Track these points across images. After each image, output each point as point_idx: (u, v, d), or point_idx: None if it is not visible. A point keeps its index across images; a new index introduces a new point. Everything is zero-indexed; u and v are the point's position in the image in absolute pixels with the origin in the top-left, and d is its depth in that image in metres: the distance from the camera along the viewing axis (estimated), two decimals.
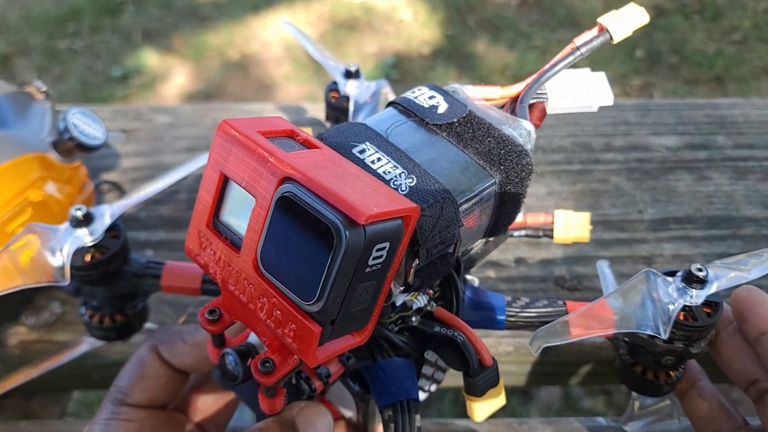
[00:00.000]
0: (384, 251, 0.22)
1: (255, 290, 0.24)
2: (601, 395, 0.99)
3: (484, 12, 1.80)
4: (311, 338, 0.22)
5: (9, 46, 1.76)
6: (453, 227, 0.25)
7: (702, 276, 0.29)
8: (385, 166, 0.26)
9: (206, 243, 0.26)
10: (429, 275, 0.26)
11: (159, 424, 0.34)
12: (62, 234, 0.35)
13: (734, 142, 0.58)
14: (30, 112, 0.47)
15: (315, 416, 0.29)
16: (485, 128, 0.28)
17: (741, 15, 1.73)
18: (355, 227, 0.20)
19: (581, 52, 0.30)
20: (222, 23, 1.82)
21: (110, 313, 0.39)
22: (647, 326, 0.28)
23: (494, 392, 0.30)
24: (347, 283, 0.21)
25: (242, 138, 0.23)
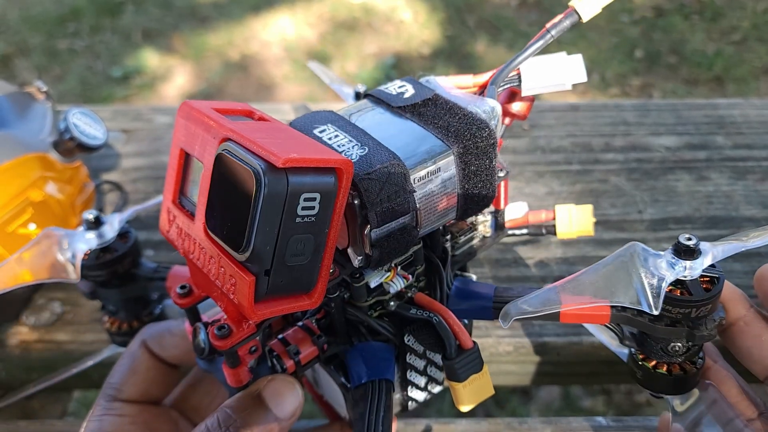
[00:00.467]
0: (315, 203, 0.22)
1: (206, 253, 0.25)
2: (601, 395, 0.99)
3: (483, 12, 1.80)
4: (246, 288, 0.23)
5: (9, 46, 1.76)
6: (403, 192, 0.25)
7: (692, 245, 0.28)
8: (340, 141, 0.27)
9: (173, 219, 0.27)
10: (389, 247, 0.26)
11: (152, 418, 0.34)
12: (76, 237, 0.37)
13: (733, 143, 0.58)
14: (30, 113, 0.47)
15: (283, 388, 0.28)
16: (447, 107, 0.29)
17: (740, 15, 1.73)
18: (276, 172, 0.21)
19: (552, 35, 0.31)
20: (222, 23, 1.82)
21: (127, 319, 0.40)
22: (635, 301, 0.27)
23: (479, 379, 0.30)
24: (276, 231, 0.22)
25: (195, 112, 0.25)
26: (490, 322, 0.45)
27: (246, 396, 0.28)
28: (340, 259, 0.27)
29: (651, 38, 1.68)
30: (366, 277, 0.28)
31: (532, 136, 0.60)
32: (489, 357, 0.44)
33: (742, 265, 0.47)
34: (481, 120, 0.28)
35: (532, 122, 0.61)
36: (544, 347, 0.44)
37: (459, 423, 0.42)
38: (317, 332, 0.30)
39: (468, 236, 0.34)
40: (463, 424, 0.42)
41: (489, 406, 0.93)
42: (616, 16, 1.71)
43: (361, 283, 0.28)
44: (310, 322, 0.31)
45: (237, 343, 0.26)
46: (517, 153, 0.58)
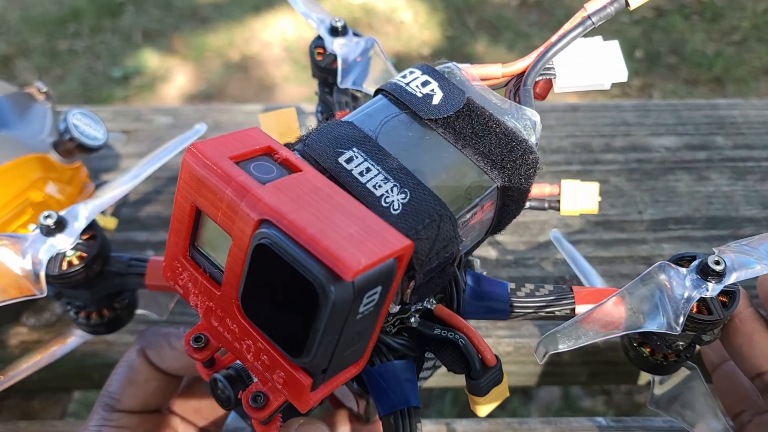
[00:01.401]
0: (376, 296, 0.20)
1: (239, 331, 0.22)
2: (601, 395, 0.99)
3: (483, 13, 1.80)
4: (302, 389, 0.21)
5: (9, 47, 1.76)
6: (452, 246, 0.23)
7: (719, 270, 0.27)
8: (375, 179, 0.23)
9: (184, 272, 0.24)
10: (427, 290, 0.25)
11: (152, 427, 0.33)
12: (33, 242, 0.32)
13: (733, 143, 0.58)
14: (31, 113, 0.47)
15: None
16: (485, 121, 0.25)
17: (740, 16, 1.73)
18: (342, 282, 0.18)
19: (593, 21, 0.27)
20: (222, 24, 1.82)
21: (97, 309, 0.37)
22: (661, 323, 0.27)
23: (498, 388, 0.29)
24: (337, 336, 0.20)
25: (212, 168, 0.21)
26: (490, 322, 0.45)
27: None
28: None
29: (651, 38, 1.68)
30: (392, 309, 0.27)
31: None
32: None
33: None
34: (525, 143, 0.25)
35: None
36: None
37: (459, 423, 0.42)
38: None
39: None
40: (463, 425, 0.42)
41: None
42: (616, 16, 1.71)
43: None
44: None
45: (275, 411, 0.24)
46: None
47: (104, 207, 0.35)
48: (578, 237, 0.50)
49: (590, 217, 0.52)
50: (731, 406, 0.35)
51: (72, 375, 0.47)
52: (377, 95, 0.27)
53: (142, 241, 0.51)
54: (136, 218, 0.54)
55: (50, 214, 0.32)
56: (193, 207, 0.22)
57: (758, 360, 0.32)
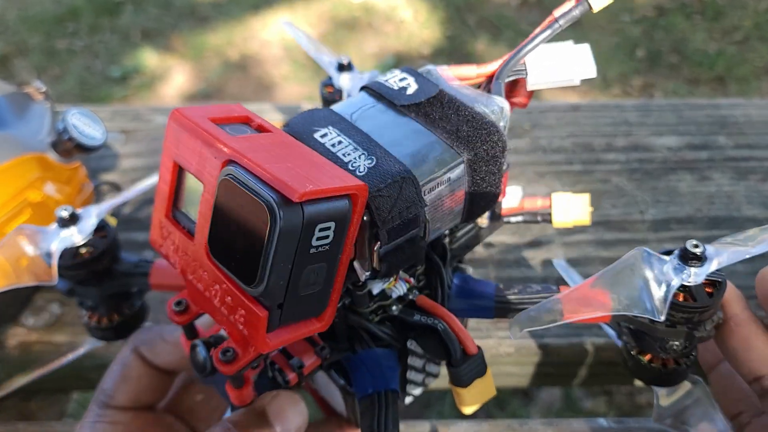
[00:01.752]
0: (329, 231, 0.21)
1: (209, 277, 0.24)
2: (602, 396, 0.98)
3: (484, 11, 1.80)
4: (258, 323, 0.22)
5: (7, 46, 1.76)
6: (414, 208, 0.24)
7: (699, 252, 0.27)
8: (345, 149, 0.25)
9: (166, 233, 0.25)
10: (397, 259, 0.25)
11: (145, 425, 0.34)
12: (50, 235, 0.35)
13: (735, 143, 0.58)
14: (29, 113, 0.47)
15: (287, 405, 0.28)
16: (455, 107, 0.27)
17: (742, 15, 1.73)
18: (291, 206, 0.20)
19: (560, 24, 0.29)
20: (221, 23, 1.82)
21: (107, 314, 0.38)
22: (642, 308, 0.27)
23: (482, 382, 0.29)
24: (290, 265, 0.21)
25: (190, 124, 0.23)
26: (491, 323, 0.45)
27: (249, 412, 0.28)
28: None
29: (652, 38, 1.68)
30: (368, 284, 0.28)
31: (533, 136, 0.59)
32: (490, 358, 0.44)
33: (744, 267, 0.47)
34: (491, 123, 0.27)
35: (533, 122, 0.61)
36: (545, 348, 0.44)
37: (460, 425, 0.42)
38: (320, 342, 0.30)
39: (465, 230, 0.33)
40: (464, 426, 0.41)
41: (490, 408, 0.93)
42: (618, 15, 1.71)
43: (363, 291, 0.28)
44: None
45: (243, 367, 0.25)
46: (519, 153, 0.57)
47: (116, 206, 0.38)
48: (580, 237, 0.50)
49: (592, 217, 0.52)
50: (729, 407, 0.35)
51: (70, 376, 0.47)
52: (361, 92, 0.29)
53: (141, 241, 0.51)
54: (135, 218, 0.53)
55: (66, 207, 0.35)
56: (175, 165, 0.24)
57: (755, 364, 0.32)
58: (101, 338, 0.40)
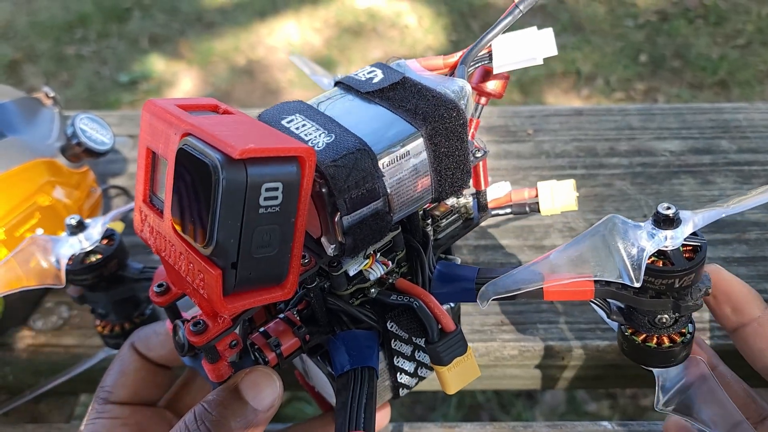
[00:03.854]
0: (278, 192, 0.22)
1: (176, 250, 0.24)
2: (606, 399, 0.98)
3: (487, 17, 1.81)
4: (214, 282, 0.22)
5: (17, 52, 1.77)
6: (371, 178, 0.25)
7: (671, 214, 0.27)
8: (307, 130, 0.27)
9: (145, 218, 0.27)
10: (362, 234, 0.26)
11: (145, 420, 0.34)
12: (60, 242, 0.37)
13: (738, 147, 0.58)
14: (38, 118, 0.48)
15: (261, 379, 0.28)
16: (416, 89, 0.28)
17: (745, 19, 1.73)
18: (234, 164, 0.21)
19: (520, 9, 0.31)
20: (228, 29, 1.83)
21: (118, 321, 0.40)
22: (616, 274, 0.27)
23: (464, 362, 0.29)
24: (238, 223, 0.22)
25: (158, 110, 0.24)
26: (495, 326, 0.45)
27: (223, 390, 0.28)
28: (315, 248, 0.27)
29: (655, 42, 1.68)
30: (344, 265, 0.28)
31: (536, 140, 0.60)
32: (494, 361, 0.44)
33: (748, 269, 0.47)
34: (449, 100, 0.28)
35: (537, 127, 0.61)
36: (548, 351, 0.44)
37: (464, 427, 0.42)
38: (298, 323, 0.30)
39: (450, 219, 0.33)
40: (468, 428, 0.42)
41: (494, 410, 0.93)
42: (621, 20, 1.71)
43: (339, 272, 0.28)
44: (291, 313, 0.31)
45: (213, 338, 0.26)
46: (522, 157, 0.58)
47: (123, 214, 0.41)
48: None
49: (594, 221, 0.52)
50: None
51: (78, 379, 0.48)
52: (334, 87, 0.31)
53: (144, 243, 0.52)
54: None
55: (74, 216, 0.38)
56: (149, 151, 0.26)
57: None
58: (114, 346, 0.42)
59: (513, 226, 0.51)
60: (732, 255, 0.49)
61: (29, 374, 0.47)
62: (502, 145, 0.59)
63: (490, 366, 0.45)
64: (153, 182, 0.26)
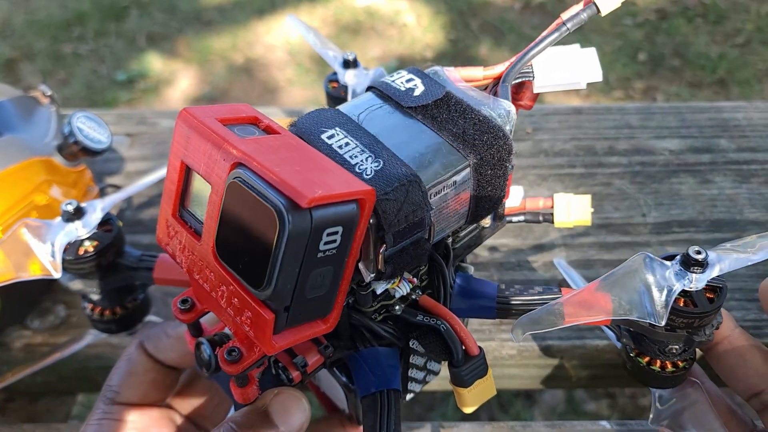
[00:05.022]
0: (337, 236, 0.21)
1: (215, 278, 0.24)
2: (605, 399, 0.98)
3: (486, 15, 1.80)
4: (265, 326, 0.22)
5: (14, 51, 1.77)
6: (420, 211, 0.25)
7: (701, 259, 0.27)
8: (351, 151, 0.25)
9: (173, 232, 0.26)
10: (401, 261, 0.26)
11: (151, 421, 0.34)
12: (55, 228, 0.35)
13: (737, 146, 0.58)
14: (35, 116, 0.47)
15: (290, 402, 0.28)
16: (461, 109, 0.27)
17: (744, 18, 1.73)
18: (300, 211, 0.20)
19: (567, 27, 0.29)
20: (226, 27, 1.83)
21: (109, 306, 0.39)
22: (643, 313, 0.27)
23: (483, 382, 0.29)
24: (297, 269, 0.21)
25: (198, 125, 0.23)
26: (493, 325, 0.45)
27: (252, 412, 0.28)
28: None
29: (654, 41, 1.68)
30: (372, 284, 0.28)
31: (535, 139, 0.60)
32: (493, 360, 0.44)
33: (747, 269, 0.47)
34: (497, 127, 0.27)
35: (536, 125, 0.61)
36: (547, 350, 0.44)
37: (463, 427, 0.42)
38: (323, 342, 0.30)
39: (468, 230, 0.33)
40: (467, 428, 0.42)
41: (493, 410, 0.93)
42: (620, 19, 1.71)
43: (367, 291, 0.28)
44: None
45: (248, 367, 0.25)
46: (521, 156, 0.58)
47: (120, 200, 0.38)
48: (582, 240, 0.50)
49: (594, 220, 0.52)
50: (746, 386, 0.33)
51: (76, 378, 0.48)
52: (367, 92, 0.29)
53: (146, 244, 0.52)
54: (139, 221, 0.54)
55: (71, 201, 0.35)
56: (183, 165, 0.24)
57: (753, 380, 0.32)
58: (104, 330, 0.40)
59: (513, 225, 0.51)
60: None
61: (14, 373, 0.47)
62: None
63: (489, 365, 0.45)
64: (184, 196, 0.25)
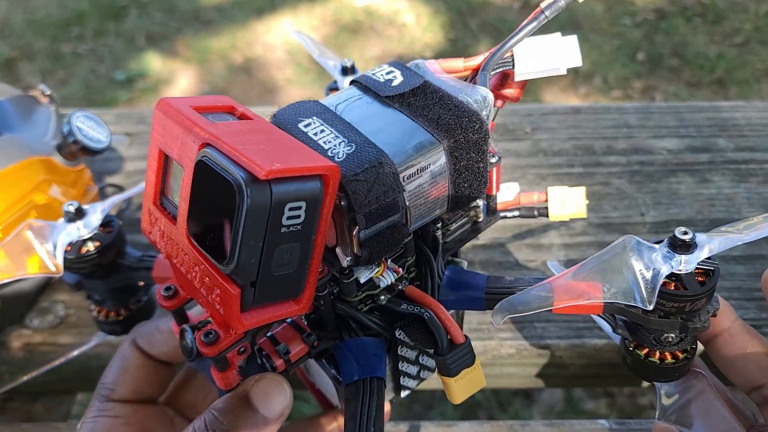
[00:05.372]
0: (300, 211, 0.22)
1: (189, 259, 0.24)
2: (604, 397, 0.98)
3: (485, 15, 1.80)
4: (232, 300, 0.22)
5: (13, 50, 1.77)
6: (392, 192, 0.25)
7: (687, 239, 0.27)
8: (326, 137, 0.26)
9: (154, 220, 0.26)
10: (378, 246, 0.26)
11: (146, 418, 0.34)
12: (57, 228, 0.36)
13: (736, 145, 0.58)
14: (35, 116, 0.47)
15: (270, 387, 0.28)
16: (437, 96, 0.27)
17: (742, 18, 1.73)
18: (259, 184, 0.20)
19: (545, 15, 0.30)
20: (225, 27, 1.83)
21: (114, 308, 0.40)
22: (631, 296, 0.27)
23: (471, 373, 0.29)
24: (260, 243, 0.21)
25: (173, 111, 0.24)
26: (492, 325, 0.45)
27: (233, 397, 0.28)
28: (328, 256, 0.27)
29: (653, 41, 1.68)
30: (355, 272, 0.28)
31: (534, 138, 0.60)
32: (491, 359, 0.44)
33: (745, 268, 0.47)
34: (472, 111, 0.27)
35: (534, 125, 0.61)
36: (546, 349, 0.44)
37: (461, 426, 0.42)
38: (307, 330, 0.30)
39: (459, 223, 0.33)
40: (465, 428, 0.42)
41: (491, 409, 0.93)
42: (618, 18, 1.71)
43: (350, 279, 0.28)
44: (299, 318, 0.31)
45: (225, 349, 0.26)
46: (519, 156, 0.58)
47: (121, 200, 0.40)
48: (580, 239, 0.50)
49: (592, 220, 0.52)
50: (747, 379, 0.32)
51: (75, 377, 0.48)
52: (350, 86, 0.30)
53: (145, 243, 0.52)
54: (138, 220, 0.54)
55: (72, 202, 0.36)
56: (161, 153, 0.25)
57: (754, 373, 0.31)
58: (109, 332, 0.41)
59: (511, 224, 0.51)
60: (730, 254, 0.49)
61: (26, 373, 0.47)
62: (500, 144, 0.59)
63: (488, 364, 0.45)
64: (164, 184, 0.26)
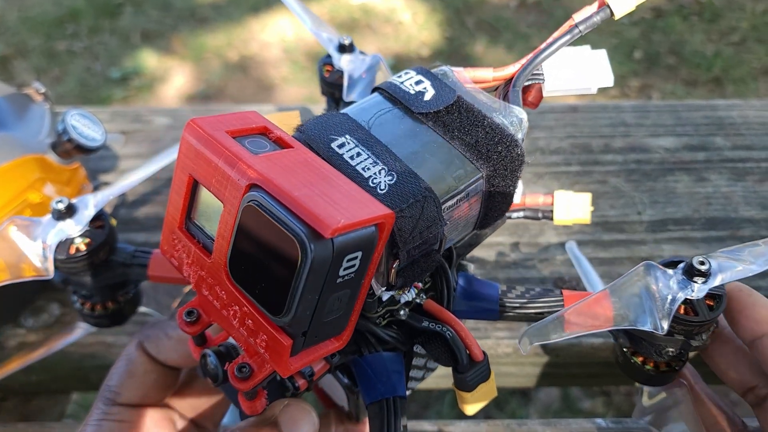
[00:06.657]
0: (356, 260, 0.21)
1: (227, 297, 0.23)
2: (600, 396, 0.99)
3: (482, 13, 1.80)
4: (282, 350, 0.22)
5: (7, 48, 1.76)
6: (435, 227, 0.24)
7: (704, 270, 0.27)
8: (364, 162, 0.25)
9: (179, 245, 0.25)
10: (412, 274, 0.25)
11: (151, 422, 0.33)
12: (45, 226, 0.34)
13: (732, 144, 0.58)
14: (29, 114, 0.47)
15: (299, 415, 0.28)
16: (473, 117, 0.27)
17: (739, 16, 1.73)
18: (322, 240, 0.19)
19: (579, 30, 0.28)
20: (221, 25, 1.82)
21: (101, 301, 0.38)
22: (645, 321, 0.27)
23: (486, 385, 0.29)
24: (316, 296, 0.21)
25: (207, 138, 0.22)
26: (488, 323, 0.45)
27: (261, 422, 0.27)
28: None
29: (650, 39, 1.68)
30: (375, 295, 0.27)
31: (531, 137, 0.59)
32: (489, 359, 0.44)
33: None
34: (510, 137, 0.26)
35: (532, 123, 0.61)
36: (543, 349, 0.44)
37: (458, 425, 0.42)
38: None
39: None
40: (462, 426, 0.42)
41: (488, 408, 0.93)
42: None
43: (373, 299, 0.27)
44: None
45: (260, 383, 0.25)
46: None
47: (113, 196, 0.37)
48: (577, 238, 0.50)
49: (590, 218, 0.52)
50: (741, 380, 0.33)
51: (70, 377, 0.47)
52: (374, 93, 0.29)
53: (140, 242, 0.51)
54: (134, 219, 0.54)
55: (62, 199, 0.34)
56: (191, 179, 0.23)
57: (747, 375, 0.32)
58: (95, 325, 0.39)
59: (509, 223, 0.51)
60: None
61: (20, 372, 0.46)
62: None
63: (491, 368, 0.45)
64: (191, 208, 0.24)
